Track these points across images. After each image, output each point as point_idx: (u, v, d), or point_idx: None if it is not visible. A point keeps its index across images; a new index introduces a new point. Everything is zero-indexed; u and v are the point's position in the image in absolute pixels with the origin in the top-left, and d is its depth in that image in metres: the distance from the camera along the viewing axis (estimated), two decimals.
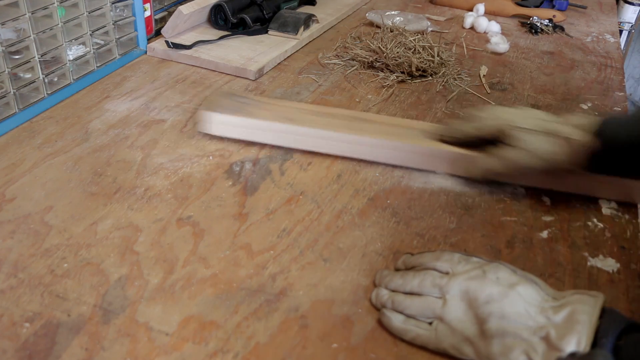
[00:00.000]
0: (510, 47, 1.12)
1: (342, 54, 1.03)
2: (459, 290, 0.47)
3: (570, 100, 0.93)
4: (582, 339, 0.41)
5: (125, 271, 0.54)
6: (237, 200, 0.65)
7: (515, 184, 0.70)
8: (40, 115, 0.79)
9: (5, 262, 0.55)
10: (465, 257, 0.50)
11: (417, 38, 1.00)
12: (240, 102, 0.76)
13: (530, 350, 0.42)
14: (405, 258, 0.55)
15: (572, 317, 0.43)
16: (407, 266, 0.54)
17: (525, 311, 0.44)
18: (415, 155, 0.71)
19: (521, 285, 0.46)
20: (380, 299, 0.51)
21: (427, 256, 0.52)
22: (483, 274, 0.47)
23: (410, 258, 0.54)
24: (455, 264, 0.50)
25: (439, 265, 0.50)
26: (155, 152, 0.72)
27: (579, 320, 0.42)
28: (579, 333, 0.41)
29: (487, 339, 0.44)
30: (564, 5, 1.35)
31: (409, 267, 0.54)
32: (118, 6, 0.92)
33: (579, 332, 0.42)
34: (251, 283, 0.54)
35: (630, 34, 1.84)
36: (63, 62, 0.83)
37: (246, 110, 0.74)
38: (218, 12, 1.05)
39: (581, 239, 0.62)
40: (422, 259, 0.52)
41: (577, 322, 0.42)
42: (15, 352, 0.46)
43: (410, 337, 0.48)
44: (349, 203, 0.66)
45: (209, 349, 0.47)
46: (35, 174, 0.67)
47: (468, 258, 0.50)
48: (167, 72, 0.93)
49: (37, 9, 0.76)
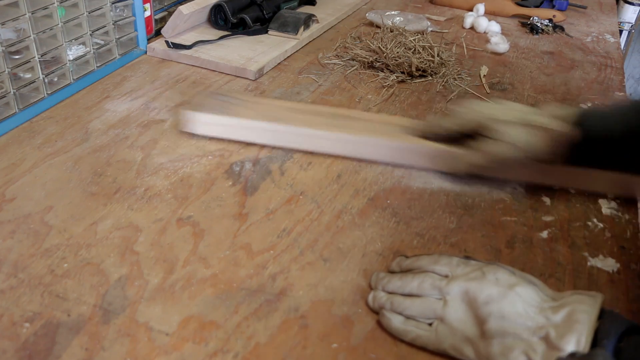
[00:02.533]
0: (510, 47, 1.12)
1: (342, 54, 1.03)
2: (459, 292, 0.47)
3: (570, 100, 0.93)
4: (581, 339, 0.41)
5: (125, 271, 0.54)
6: (237, 200, 0.65)
7: (502, 179, 0.70)
8: (40, 115, 0.79)
9: (5, 262, 0.55)
10: (464, 261, 0.50)
11: (417, 38, 1.00)
12: (224, 101, 0.76)
13: (530, 351, 0.42)
14: (399, 260, 0.55)
15: (571, 316, 0.43)
16: (402, 269, 0.54)
17: (524, 311, 0.44)
18: (396, 152, 0.71)
19: (520, 286, 0.46)
20: (378, 301, 0.51)
21: (425, 259, 0.52)
22: (482, 275, 0.47)
23: (405, 260, 0.54)
24: (454, 267, 0.50)
25: (438, 268, 0.50)
26: (155, 152, 0.72)
27: (578, 320, 0.42)
28: (578, 332, 0.42)
29: (487, 339, 0.44)
30: (564, 5, 1.35)
31: (404, 270, 0.53)
32: (118, 6, 0.92)
33: (579, 332, 0.42)
34: (251, 283, 0.54)
35: (630, 34, 1.84)
36: (63, 62, 0.83)
37: (230, 109, 0.75)
38: (218, 12, 1.05)
39: (581, 239, 0.63)
40: (420, 262, 0.52)
41: (576, 321, 0.42)
42: (15, 352, 0.46)
43: (411, 338, 0.48)
44: (349, 203, 0.66)
45: (209, 349, 0.47)
46: (35, 174, 0.67)
47: (467, 261, 0.50)
48: (167, 72, 0.93)
49: (37, 9, 0.76)
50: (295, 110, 0.76)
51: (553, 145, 0.64)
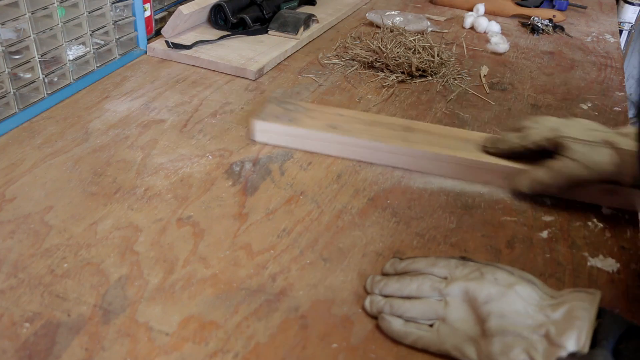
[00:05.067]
0: (510, 47, 1.12)
1: (342, 54, 1.03)
2: (459, 292, 0.47)
3: (570, 100, 0.93)
4: (581, 335, 0.41)
5: (125, 271, 0.54)
6: (237, 200, 0.65)
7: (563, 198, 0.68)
8: (40, 115, 0.79)
9: (5, 262, 0.55)
10: (462, 262, 0.50)
11: (417, 38, 1.00)
12: (286, 108, 0.76)
13: (531, 348, 0.42)
14: (393, 262, 0.54)
15: (571, 313, 0.43)
16: (398, 271, 0.53)
17: (524, 310, 0.44)
18: (460, 168, 0.70)
19: (519, 285, 0.46)
20: (376, 305, 0.50)
21: (422, 262, 0.52)
22: (481, 276, 0.48)
23: (400, 263, 0.54)
24: (452, 268, 0.50)
25: (437, 270, 0.50)
26: (155, 152, 0.72)
27: (577, 317, 0.42)
28: (578, 329, 0.42)
29: (488, 338, 0.44)
30: (564, 5, 1.35)
31: (399, 272, 0.53)
32: (118, 6, 0.92)
33: (579, 328, 0.42)
34: (251, 283, 0.54)
35: (630, 34, 1.84)
36: (63, 62, 0.83)
37: (292, 117, 0.75)
38: (218, 12, 1.05)
39: (581, 239, 0.62)
40: (417, 265, 0.52)
41: (575, 318, 0.42)
42: (15, 352, 0.46)
43: (412, 340, 0.48)
44: (349, 203, 0.66)
45: (209, 349, 0.47)
46: (35, 174, 0.67)
47: (465, 262, 0.50)
48: (167, 72, 0.93)
49: (37, 9, 0.76)
50: (359, 121, 0.75)
51: (623, 166, 0.61)
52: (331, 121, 0.75)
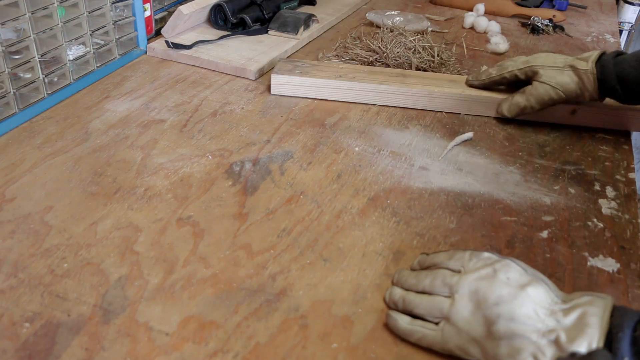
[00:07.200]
0: (510, 47, 1.12)
1: (342, 54, 1.03)
2: (469, 290, 0.47)
3: None
4: (593, 342, 0.41)
5: (125, 271, 0.54)
6: (237, 200, 0.65)
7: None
8: (40, 115, 0.79)
9: (5, 262, 0.55)
10: (476, 254, 0.50)
11: (417, 38, 1.00)
12: (296, 65, 0.90)
13: (539, 353, 0.42)
14: (420, 258, 0.55)
15: (583, 319, 0.42)
16: (422, 266, 0.54)
17: (534, 313, 0.44)
18: (452, 101, 0.85)
19: (531, 286, 0.45)
20: (392, 297, 0.51)
21: (441, 256, 0.52)
22: (494, 273, 0.47)
23: (426, 258, 0.54)
24: (466, 261, 0.49)
25: (451, 264, 0.50)
26: (155, 152, 0.72)
27: (589, 324, 0.42)
28: (590, 336, 0.41)
29: (495, 340, 0.44)
30: (564, 5, 1.35)
31: (423, 267, 0.54)
32: (118, 6, 0.92)
33: (590, 336, 0.41)
34: (251, 283, 0.54)
35: (630, 34, 1.84)
36: (63, 62, 0.83)
37: (303, 71, 0.88)
38: (218, 12, 1.05)
39: (581, 239, 0.62)
40: (437, 259, 0.52)
41: (587, 325, 0.42)
42: (15, 352, 0.46)
43: (417, 338, 0.48)
44: (349, 203, 0.66)
45: (209, 349, 0.47)
46: (35, 174, 0.67)
47: (479, 254, 0.50)
48: (167, 72, 0.93)
49: (37, 9, 0.76)
50: (358, 70, 0.89)
51: (582, 84, 0.75)
52: (337, 72, 0.88)
